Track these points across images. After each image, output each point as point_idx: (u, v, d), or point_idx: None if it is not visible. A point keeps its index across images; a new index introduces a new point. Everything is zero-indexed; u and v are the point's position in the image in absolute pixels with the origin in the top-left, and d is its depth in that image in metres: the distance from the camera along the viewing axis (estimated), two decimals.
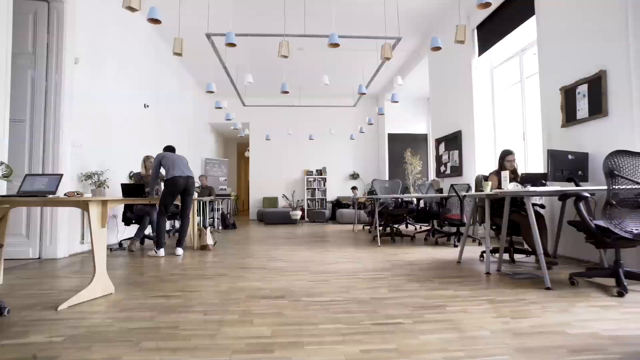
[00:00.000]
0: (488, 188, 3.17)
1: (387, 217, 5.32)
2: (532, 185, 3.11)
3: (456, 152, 6.10)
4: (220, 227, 7.69)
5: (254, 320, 1.89)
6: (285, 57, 4.12)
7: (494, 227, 3.60)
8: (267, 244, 5.13)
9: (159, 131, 6.74)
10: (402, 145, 10.54)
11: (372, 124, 8.32)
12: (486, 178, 3.76)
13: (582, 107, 3.43)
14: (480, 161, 5.54)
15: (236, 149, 15.19)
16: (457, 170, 6.07)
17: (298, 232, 6.91)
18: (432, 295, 2.35)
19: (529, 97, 4.81)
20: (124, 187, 4.27)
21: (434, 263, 3.53)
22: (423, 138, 10.65)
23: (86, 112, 4.44)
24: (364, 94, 5.67)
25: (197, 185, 7.29)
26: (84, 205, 2.24)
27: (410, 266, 3.37)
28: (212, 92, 5.46)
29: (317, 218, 9.49)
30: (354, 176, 11.19)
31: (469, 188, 4.67)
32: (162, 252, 4.02)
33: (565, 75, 3.67)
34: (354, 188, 9.86)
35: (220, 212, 7.79)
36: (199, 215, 6.32)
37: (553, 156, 3.09)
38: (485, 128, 5.57)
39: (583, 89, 3.43)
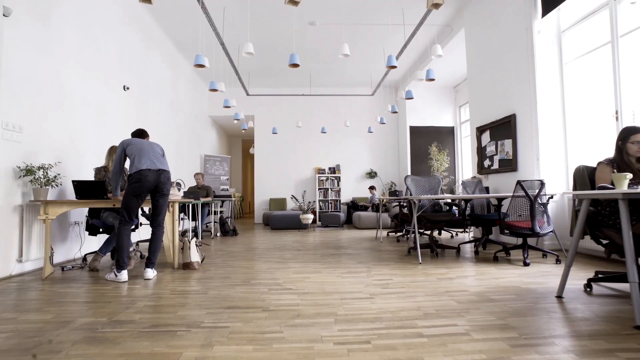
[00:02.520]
0: (625, 184, 1.96)
1: (425, 224, 4.11)
2: None
3: (508, 142, 4.86)
4: (218, 234, 6.56)
5: None
6: (295, 3, 2.96)
7: (603, 242, 2.39)
8: (272, 259, 3.96)
9: (145, 120, 5.63)
10: (425, 140, 9.34)
11: (396, 112, 7.10)
12: (593, 170, 2.55)
13: None
14: (545, 151, 4.30)
15: (241, 146, 14.08)
16: (510, 164, 4.83)
17: (310, 240, 5.73)
18: None
19: (624, 63, 3.56)
20: (77, 185, 3.16)
21: (519, 296, 2.33)
22: (449, 131, 9.41)
23: (29, 87, 3.33)
24: (394, 67, 4.48)
25: (193, 185, 6.18)
26: None
27: (489, 304, 2.17)
28: (202, 65, 4.31)
29: (330, 222, 8.30)
30: (372, 174, 9.97)
31: (542, 185, 3.45)
32: (124, 275, 2.88)
33: None
34: (371, 188, 8.65)
35: (219, 216, 6.65)
36: (193, 219, 5.20)
37: None
38: (550, 109, 4.33)
39: None
